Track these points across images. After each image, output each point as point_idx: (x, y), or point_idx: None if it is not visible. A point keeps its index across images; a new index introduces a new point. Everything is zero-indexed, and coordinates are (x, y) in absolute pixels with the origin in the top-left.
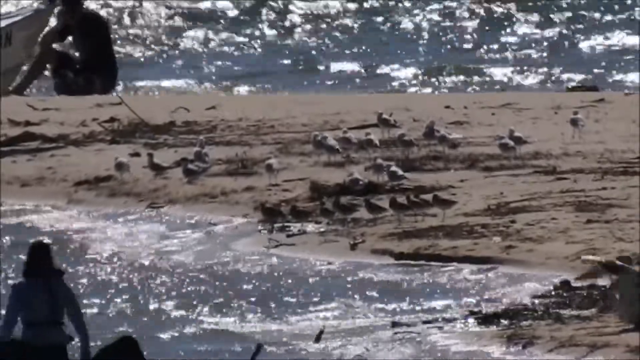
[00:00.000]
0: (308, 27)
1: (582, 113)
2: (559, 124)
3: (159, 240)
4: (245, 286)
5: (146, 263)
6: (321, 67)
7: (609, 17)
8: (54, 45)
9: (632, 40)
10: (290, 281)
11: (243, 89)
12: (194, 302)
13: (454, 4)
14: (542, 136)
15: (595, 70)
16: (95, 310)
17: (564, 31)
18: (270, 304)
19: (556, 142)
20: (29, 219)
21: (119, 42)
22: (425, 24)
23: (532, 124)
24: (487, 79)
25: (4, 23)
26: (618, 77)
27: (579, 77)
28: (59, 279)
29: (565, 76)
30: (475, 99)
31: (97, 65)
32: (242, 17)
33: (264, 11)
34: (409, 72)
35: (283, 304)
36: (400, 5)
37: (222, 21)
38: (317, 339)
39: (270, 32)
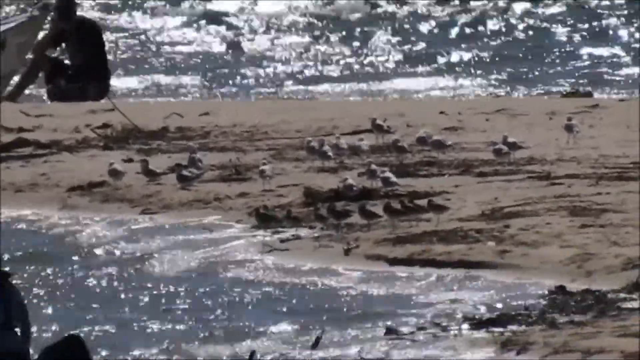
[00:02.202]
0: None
1: (577, 119)
2: (554, 129)
3: (152, 246)
4: (238, 291)
5: (138, 269)
6: None
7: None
8: (48, 52)
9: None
10: (283, 287)
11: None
12: (186, 309)
13: None
14: (536, 142)
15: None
16: (87, 316)
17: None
18: (262, 310)
19: (551, 148)
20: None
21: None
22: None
23: (527, 130)
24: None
25: None
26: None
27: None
28: (9, 282)
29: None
30: (469, 104)
31: (90, 71)
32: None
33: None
34: None
35: (276, 309)
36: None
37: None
38: (315, 344)
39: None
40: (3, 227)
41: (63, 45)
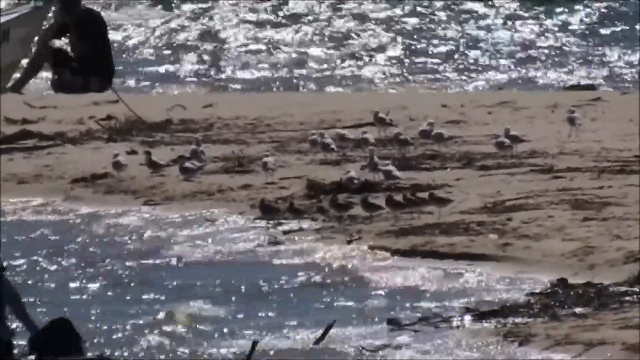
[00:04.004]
0: None
1: (579, 112)
2: (556, 122)
3: (155, 238)
4: (241, 283)
5: (140, 260)
6: None
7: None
8: (52, 43)
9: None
10: (286, 278)
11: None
12: (189, 300)
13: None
14: (538, 135)
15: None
16: (93, 308)
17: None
18: (266, 302)
19: (553, 141)
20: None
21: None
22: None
23: (529, 123)
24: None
25: (1, 20)
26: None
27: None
28: (1, 275)
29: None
30: (471, 97)
31: (94, 63)
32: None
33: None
34: None
35: (279, 301)
36: None
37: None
38: (324, 334)
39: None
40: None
41: (67, 36)
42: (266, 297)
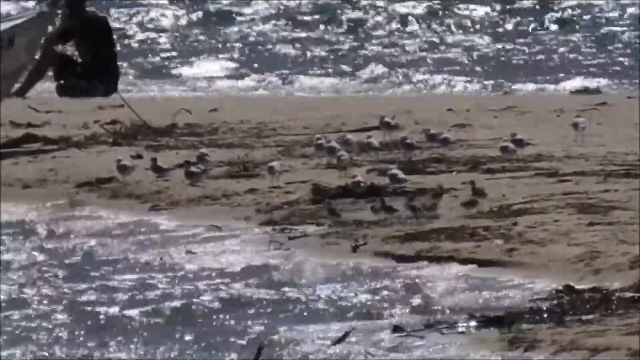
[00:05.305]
0: None
1: (585, 116)
2: (562, 126)
3: (159, 242)
4: (246, 288)
5: (146, 265)
6: None
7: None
8: (57, 48)
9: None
10: (291, 284)
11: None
12: (193, 306)
13: None
14: (544, 139)
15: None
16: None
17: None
18: (271, 307)
19: (558, 145)
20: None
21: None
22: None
23: (534, 127)
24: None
25: (6, 25)
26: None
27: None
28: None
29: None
30: (477, 101)
31: (99, 67)
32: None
33: None
34: None
35: (285, 307)
36: None
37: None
38: (341, 339)
39: None
40: None
41: (72, 41)
42: (271, 303)
